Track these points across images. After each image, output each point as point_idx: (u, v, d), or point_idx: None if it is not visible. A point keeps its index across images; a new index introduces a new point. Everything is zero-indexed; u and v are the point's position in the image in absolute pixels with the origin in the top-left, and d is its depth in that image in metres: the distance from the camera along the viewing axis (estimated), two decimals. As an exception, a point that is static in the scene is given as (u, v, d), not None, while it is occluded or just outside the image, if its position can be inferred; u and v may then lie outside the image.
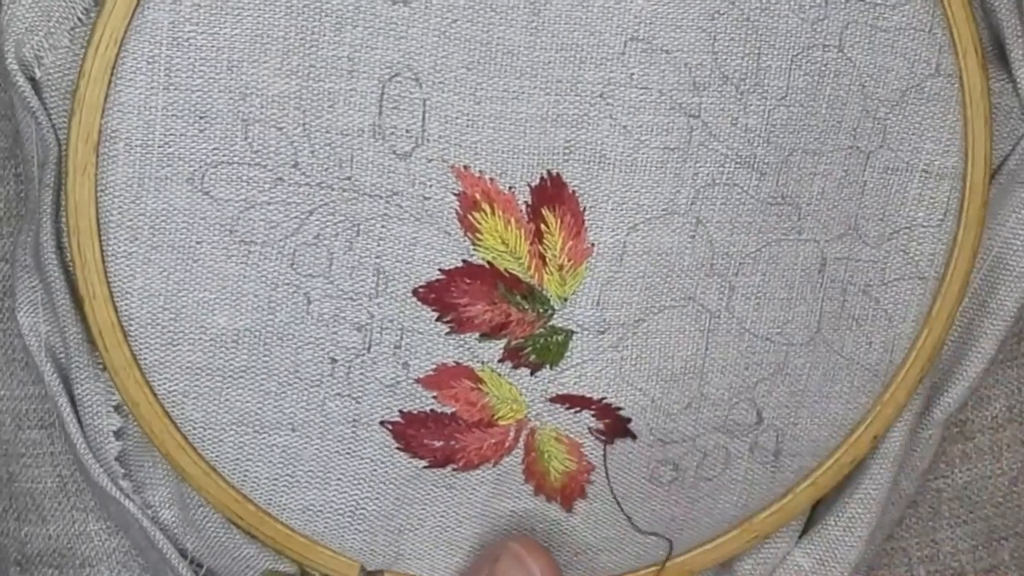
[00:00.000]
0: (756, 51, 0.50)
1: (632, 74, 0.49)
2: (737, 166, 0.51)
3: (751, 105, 0.51)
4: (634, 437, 0.53)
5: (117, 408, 0.52)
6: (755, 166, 0.51)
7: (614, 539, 0.55)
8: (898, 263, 0.54)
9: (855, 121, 0.52)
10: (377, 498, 0.53)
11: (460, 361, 0.51)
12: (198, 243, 0.50)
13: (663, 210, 0.51)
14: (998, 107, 0.55)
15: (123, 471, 0.53)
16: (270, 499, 0.53)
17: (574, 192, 0.50)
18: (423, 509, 0.53)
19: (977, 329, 0.56)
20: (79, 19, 0.50)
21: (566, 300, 0.51)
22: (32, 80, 0.50)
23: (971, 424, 0.60)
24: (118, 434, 0.52)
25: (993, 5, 0.54)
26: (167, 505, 0.54)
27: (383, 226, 0.50)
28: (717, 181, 0.51)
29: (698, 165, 0.51)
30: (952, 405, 0.56)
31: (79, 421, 0.52)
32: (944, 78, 0.53)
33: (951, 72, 0.53)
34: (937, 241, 0.54)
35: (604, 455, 0.53)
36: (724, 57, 0.50)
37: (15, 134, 0.52)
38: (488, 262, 0.50)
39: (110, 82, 0.48)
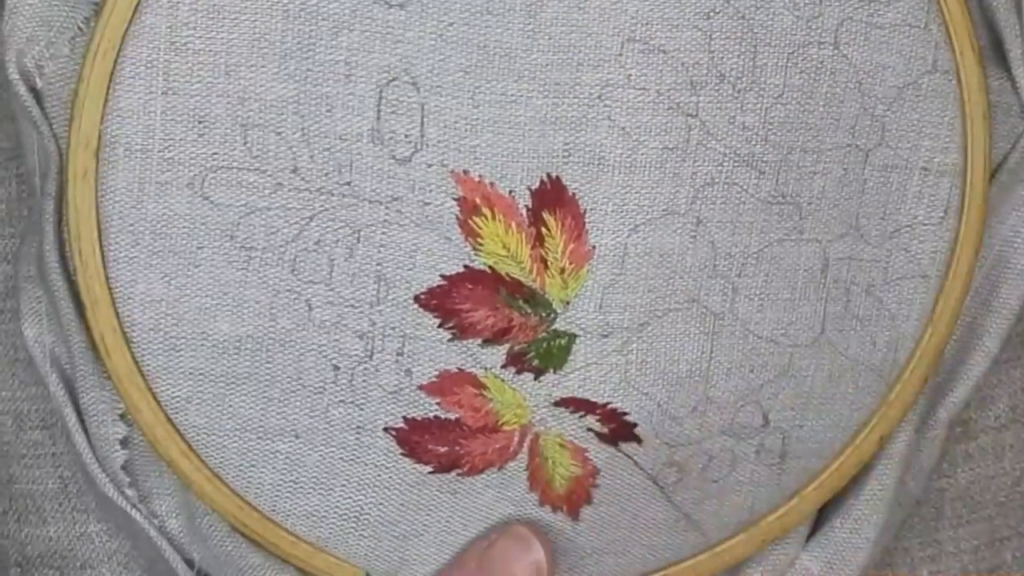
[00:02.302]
0: (752, 49, 0.50)
1: (630, 75, 0.49)
2: (736, 165, 0.51)
3: (748, 103, 0.51)
4: (640, 441, 0.53)
5: (122, 416, 0.52)
6: (754, 165, 0.51)
7: (619, 541, 0.55)
8: (900, 262, 0.54)
9: (853, 119, 0.52)
10: (381, 503, 0.53)
11: (463, 367, 0.51)
12: (199, 248, 0.50)
13: (663, 210, 0.51)
14: (997, 105, 0.54)
15: (128, 480, 0.53)
16: (274, 505, 0.53)
17: (574, 195, 0.50)
18: (428, 515, 0.53)
19: (980, 328, 0.56)
20: (79, 28, 0.50)
21: (568, 303, 0.51)
22: (33, 90, 0.50)
23: (974, 424, 0.60)
24: (124, 442, 0.52)
25: (991, 4, 0.54)
26: (173, 514, 0.54)
27: (384, 232, 0.50)
28: (716, 180, 0.51)
29: (697, 164, 0.51)
30: (957, 404, 0.56)
31: (85, 432, 0.52)
32: (941, 74, 0.53)
33: (948, 68, 0.53)
34: (939, 239, 0.54)
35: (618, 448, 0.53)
36: (720, 55, 0.50)
37: (18, 136, 0.52)
38: (489, 267, 0.50)
39: (109, 87, 0.48)
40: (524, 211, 0.50)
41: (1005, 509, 0.61)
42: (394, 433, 0.52)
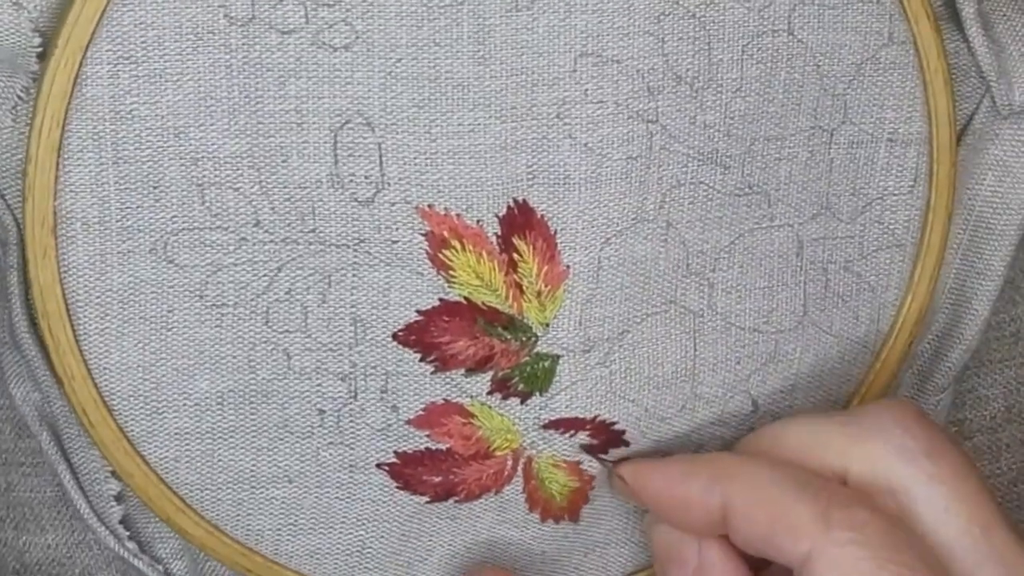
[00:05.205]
0: (706, 47, 0.49)
1: (586, 90, 0.49)
2: (700, 164, 0.50)
3: (707, 101, 0.50)
4: (628, 445, 0.53)
5: (114, 473, 0.51)
6: (718, 161, 0.51)
7: (619, 530, 0.55)
8: (875, 234, 0.54)
9: (814, 101, 0.51)
10: (383, 536, 0.53)
11: (449, 398, 0.51)
12: (169, 312, 0.49)
13: (633, 219, 0.50)
14: (955, 68, 0.54)
15: (128, 533, 0.53)
16: (276, 548, 0.53)
17: (543, 216, 0.49)
18: (430, 541, 0.53)
19: (969, 291, 0.55)
20: (19, 97, 0.48)
21: (548, 325, 0.50)
22: None
23: (970, 424, 0.59)
24: (118, 498, 0.52)
25: (942, -37, 0.53)
26: (177, 557, 0.54)
27: (354, 274, 0.49)
28: (682, 182, 0.50)
29: (662, 169, 0.50)
30: (954, 368, 0.56)
31: (81, 488, 0.52)
32: (898, 46, 0.52)
33: (904, 39, 0.52)
34: (910, 207, 0.54)
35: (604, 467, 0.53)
36: (675, 57, 0.49)
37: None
38: (465, 298, 0.50)
39: (58, 163, 0.47)
40: (494, 239, 0.49)
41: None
42: (387, 468, 0.51)
